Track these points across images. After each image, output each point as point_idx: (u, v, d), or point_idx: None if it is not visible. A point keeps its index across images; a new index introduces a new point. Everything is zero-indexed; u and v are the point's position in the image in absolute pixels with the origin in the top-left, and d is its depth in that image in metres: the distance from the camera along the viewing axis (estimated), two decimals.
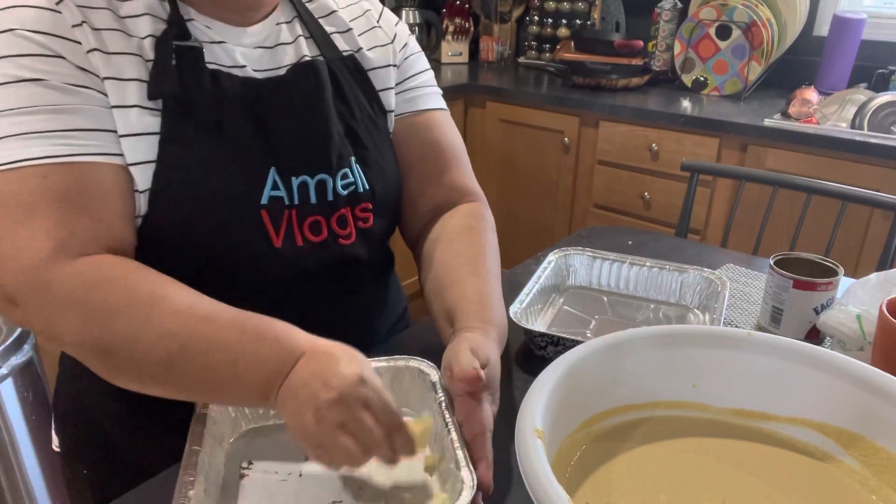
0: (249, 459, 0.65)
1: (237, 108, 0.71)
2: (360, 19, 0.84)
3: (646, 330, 0.65)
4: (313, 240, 0.75)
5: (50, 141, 0.61)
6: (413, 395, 0.72)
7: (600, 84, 2.26)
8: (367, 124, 0.80)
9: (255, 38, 0.75)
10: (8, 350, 1.28)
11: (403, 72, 0.87)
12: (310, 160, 0.74)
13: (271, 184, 0.72)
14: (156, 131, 0.67)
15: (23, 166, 0.60)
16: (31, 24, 0.62)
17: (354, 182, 0.77)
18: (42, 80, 0.62)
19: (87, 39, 0.65)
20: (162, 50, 0.68)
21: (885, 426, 0.57)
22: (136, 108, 0.66)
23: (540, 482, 0.45)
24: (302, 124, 0.74)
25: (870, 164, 1.70)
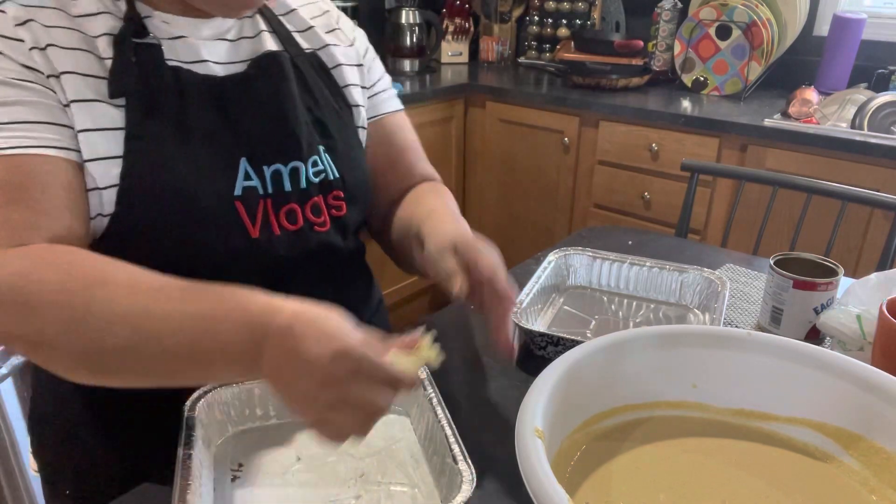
0: (239, 462, 0.65)
1: (201, 102, 0.71)
2: (320, 19, 0.86)
3: (646, 330, 0.65)
4: (290, 228, 0.75)
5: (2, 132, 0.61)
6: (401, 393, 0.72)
7: (600, 84, 2.26)
8: (333, 116, 0.82)
9: (215, 30, 0.75)
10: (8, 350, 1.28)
11: (368, 78, 0.89)
12: (281, 148, 0.75)
13: (243, 174, 0.72)
14: (121, 126, 0.67)
15: None
16: None
17: (324, 170, 0.78)
18: None
19: (33, 37, 0.65)
20: (120, 48, 0.68)
21: (885, 426, 0.57)
22: (100, 102, 0.66)
23: (540, 482, 0.45)
24: (269, 114, 0.75)
25: (870, 164, 1.70)
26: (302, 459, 0.66)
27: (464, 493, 0.55)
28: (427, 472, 0.64)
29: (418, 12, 2.62)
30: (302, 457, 0.66)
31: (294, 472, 0.64)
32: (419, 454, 0.66)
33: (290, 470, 0.64)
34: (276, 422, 0.71)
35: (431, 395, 0.67)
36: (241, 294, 0.55)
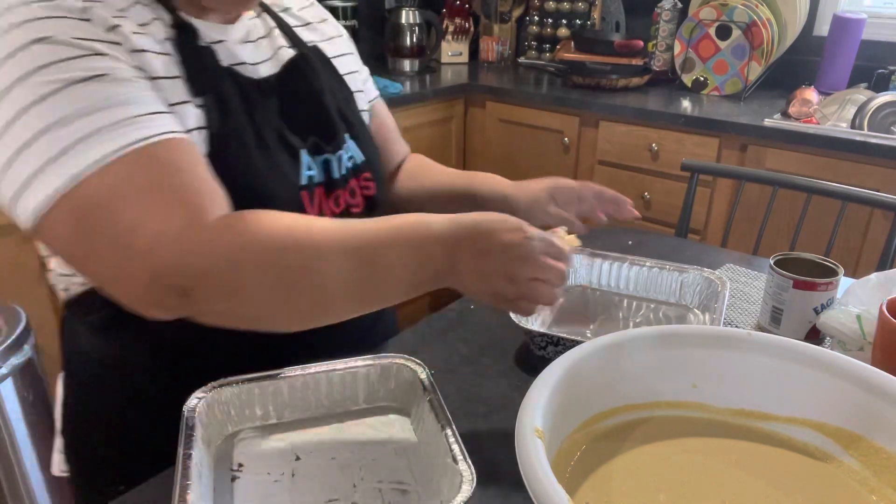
0: (239, 462, 0.65)
1: (258, 100, 0.75)
2: (310, 11, 0.91)
3: (646, 330, 0.65)
4: (336, 211, 0.81)
5: (138, 124, 0.60)
6: (401, 393, 0.73)
7: (600, 84, 2.26)
8: (346, 104, 0.87)
9: (238, 34, 0.78)
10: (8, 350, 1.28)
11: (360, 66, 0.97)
12: (327, 139, 0.81)
13: (306, 165, 0.77)
14: (203, 125, 0.69)
15: (126, 153, 0.59)
16: (68, 33, 0.60)
17: (353, 155, 0.84)
18: (102, 75, 0.60)
19: (126, 41, 0.64)
20: (185, 51, 0.69)
21: (885, 426, 0.57)
22: (186, 104, 0.68)
23: (540, 482, 0.45)
24: (313, 109, 0.81)
25: (870, 164, 1.70)
26: (301, 459, 0.66)
27: (464, 493, 0.55)
28: (427, 472, 0.64)
29: (418, 12, 2.62)
30: (301, 456, 0.66)
31: (294, 472, 0.64)
32: (419, 454, 0.66)
33: (290, 470, 0.64)
34: (275, 422, 0.71)
35: (431, 396, 0.67)
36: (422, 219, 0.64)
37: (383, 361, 0.73)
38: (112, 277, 0.61)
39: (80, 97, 0.58)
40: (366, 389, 0.73)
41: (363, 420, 0.72)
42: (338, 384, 0.72)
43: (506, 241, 0.62)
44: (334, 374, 0.72)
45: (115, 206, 0.58)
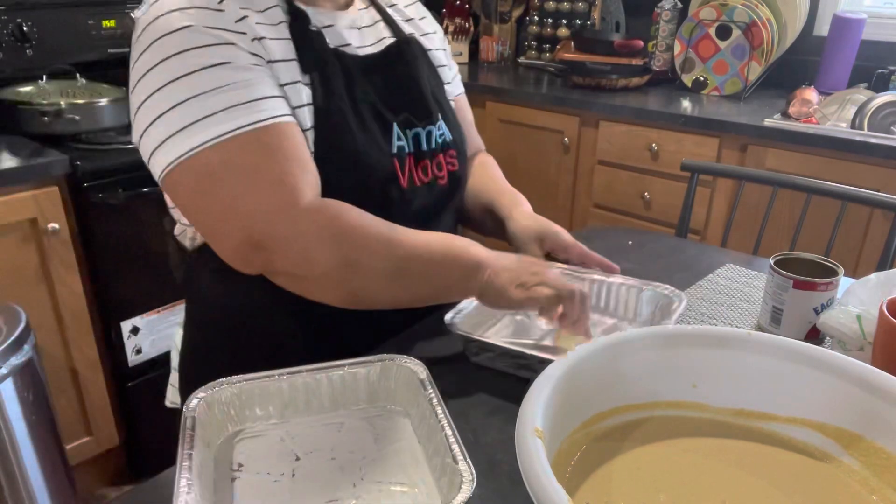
0: (239, 462, 0.65)
1: (359, 78, 0.85)
2: (413, 8, 1.03)
3: (646, 330, 0.65)
4: (424, 180, 0.91)
5: (252, 108, 0.72)
6: (401, 393, 0.73)
7: (600, 84, 2.26)
8: (439, 90, 0.98)
9: (347, 20, 0.89)
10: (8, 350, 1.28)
11: (450, 63, 1.07)
12: (418, 115, 0.91)
13: (396, 136, 0.87)
14: (310, 102, 0.80)
15: (239, 133, 0.71)
16: (204, 21, 0.73)
17: (443, 133, 0.94)
18: (227, 62, 0.72)
19: (251, 30, 0.76)
20: (298, 36, 0.81)
21: (885, 426, 0.57)
22: (297, 83, 0.79)
23: (540, 482, 0.45)
24: (409, 87, 0.91)
25: (870, 164, 1.70)
26: (301, 459, 0.66)
27: (464, 493, 0.55)
28: (427, 472, 0.64)
29: None
30: (301, 456, 0.66)
31: (294, 472, 0.64)
32: (419, 454, 0.66)
33: (290, 470, 0.64)
34: (275, 422, 0.71)
35: (431, 395, 0.67)
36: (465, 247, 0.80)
37: (383, 361, 0.73)
38: (212, 232, 0.76)
39: (207, 80, 0.71)
40: (366, 389, 0.73)
41: (363, 420, 0.72)
42: (338, 384, 0.73)
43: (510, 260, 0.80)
44: (334, 374, 0.72)
45: (224, 177, 0.71)
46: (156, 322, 1.81)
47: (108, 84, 1.98)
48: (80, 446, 1.77)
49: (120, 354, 1.76)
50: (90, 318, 1.71)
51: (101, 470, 1.89)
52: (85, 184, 1.59)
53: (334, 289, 0.76)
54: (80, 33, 1.93)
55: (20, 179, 1.52)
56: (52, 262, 1.60)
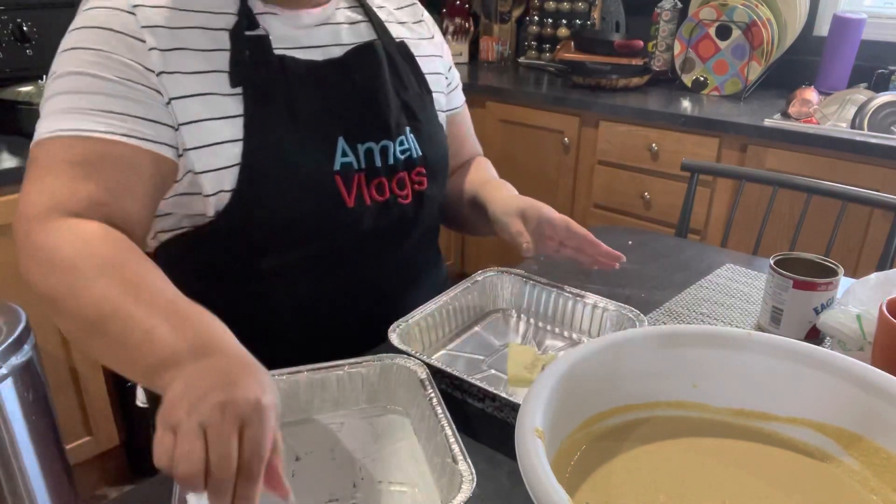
0: None
1: (304, 86, 0.80)
2: (407, 10, 0.97)
3: (646, 330, 0.65)
4: (378, 199, 0.84)
5: (87, 118, 0.70)
6: (400, 393, 0.73)
7: (600, 84, 2.26)
8: (418, 100, 0.91)
9: (314, 18, 0.84)
10: (8, 350, 1.28)
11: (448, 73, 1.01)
12: (373, 128, 0.84)
13: (341, 151, 0.81)
14: (240, 114, 0.76)
15: (56, 136, 0.69)
16: (104, 23, 0.72)
17: (409, 148, 0.87)
18: (99, 73, 0.71)
19: (156, 40, 0.73)
20: (236, 42, 0.77)
21: (885, 426, 0.57)
22: (220, 95, 0.75)
23: (540, 482, 0.45)
24: (364, 98, 0.84)
25: (870, 164, 1.70)
26: (301, 459, 0.66)
27: (464, 493, 0.55)
28: (427, 472, 0.64)
29: None
30: (301, 456, 0.66)
31: (294, 472, 0.64)
32: (419, 454, 0.66)
33: (291, 470, 0.64)
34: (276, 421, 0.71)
35: (431, 395, 0.67)
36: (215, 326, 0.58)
37: (383, 361, 0.73)
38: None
39: (74, 82, 0.70)
40: (365, 389, 0.73)
41: (363, 420, 0.72)
42: (338, 384, 0.72)
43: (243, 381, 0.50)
44: (334, 374, 0.72)
45: (30, 171, 0.70)
46: None
47: None
48: (80, 446, 1.77)
49: None
50: None
51: (101, 470, 1.89)
52: None
53: (50, 315, 0.65)
54: None
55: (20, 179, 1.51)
56: None
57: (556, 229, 0.85)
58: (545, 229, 0.86)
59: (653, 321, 0.95)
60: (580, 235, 0.86)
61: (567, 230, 0.85)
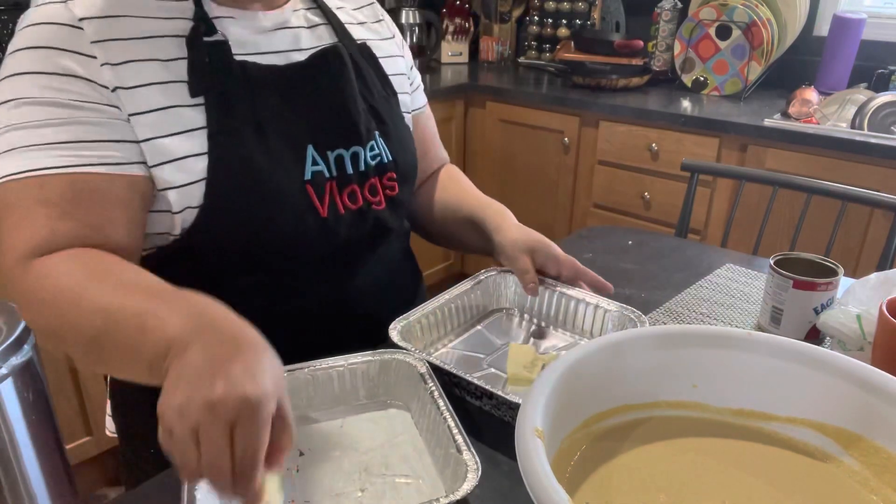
0: None
1: (268, 93, 0.76)
2: (366, 10, 0.94)
3: (646, 330, 0.65)
4: (352, 207, 0.82)
5: (53, 153, 0.66)
6: (400, 388, 0.73)
7: (600, 84, 2.26)
8: (384, 103, 0.88)
9: (272, 21, 0.80)
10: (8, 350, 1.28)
11: (409, 71, 0.98)
12: (343, 134, 0.81)
13: (311, 160, 0.78)
14: (203, 126, 0.72)
15: (25, 177, 0.65)
16: (50, 42, 0.67)
17: (380, 153, 0.85)
18: (55, 98, 0.66)
19: (107, 54, 0.68)
20: (194, 49, 0.72)
21: (885, 426, 0.57)
22: (179, 107, 0.71)
23: (540, 482, 0.45)
24: (331, 103, 0.80)
25: (870, 164, 1.70)
26: (305, 455, 0.66)
27: (470, 482, 0.55)
28: (431, 464, 0.64)
29: (418, 12, 2.62)
30: (305, 452, 0.66)
31: (298, 467, 0.64)
32: (422, 447, 0.67)
33: (295, 465, 0.65)
34: None
35: (432, 389, 0.68)
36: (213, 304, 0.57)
37: (383, 357, 0.73)
38: None
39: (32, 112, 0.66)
40: (366, 385, 0.74)
41: (365, 415, 0.72)
42: (338, 380, 0.73)
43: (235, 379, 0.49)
44: (334, 371, 0.72)
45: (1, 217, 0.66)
46: None
47: None
48: (80, 446, 1.77)
49: None
50: None
51: (101, 470, 1.89)
52: None
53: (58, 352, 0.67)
54: None
55: None
56: None
57: (561, 268, 0.88)
58: (549, 268, 0.89)
59: (653, 321, 0.95)
60: (586, 276, 0.88)
61: (573, 270, 0.88)
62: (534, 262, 0.89)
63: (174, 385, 0.50)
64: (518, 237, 0.89)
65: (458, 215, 0.98)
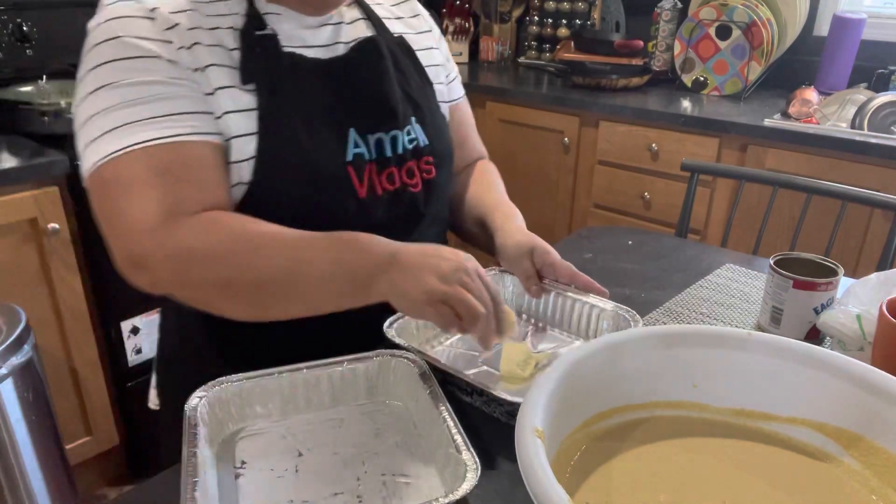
0: (242, 460, 0.65)
1: (314, 82, 0.82)
2: (404, 6, 1.00)
3: (646, 330, 0.65)
4: (389, 188, 0.86)
5: (153, 126, 0.72)
6: (400, 388, 0.73)
7: (600, 84, 2.26)
8: (420, 92, 0.93)
9: (317, 19, 0.86)
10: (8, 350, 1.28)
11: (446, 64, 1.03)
12: (382, 119, 0.86)
13: (353, 142, 0.83)
14: (254, 107, 0.78)
15: (132, 150, 0.71)
16: (133, 31, 0.74)
17: (416, 138, 0.89)
18: (145, 79, 0.73)
19: (180, 39, 0.75)
20: (246, 41, 0.79)
21: (885, 426, 0.57)
22: (235, 88, 0.77)
23: (540, 482, 0.45)
24: (371, 90, 0.86)
25: (870, 164, 1.70)
26: (304, 455, 0.66)
27: (469, 482, 0.55)
28: (430, 463, 0.64)
29: None
30: (304, 452, 0.66)
31: (297, 468, 0.64)
32: (421, 446, 0.67)
33: (294, 465, 0.65)
34: (276, 419, 0.71)
35: (431, 389, 0.68)
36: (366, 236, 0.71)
37: (381, 357, 0.73)
38: (109, 247, 0.73)
39: (120, 94, 0.72)
40: (365, 385, 0.74)
41: (363, 415, 0.72)
42: (337, 380, 0.73)
43: (445, 250, 0.69)
44: (334, 371, 0.72)
45: (111, 193, 0.71)
46: (156, 322, 1.80)
47: None
48: (80, 446, 1.77)
49: (120, 354, 1.76)
50: (90, 318, 1.71)
51: (101, 470, 1.89)
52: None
53: (225, 307, 0.72)
54: (80, 33, 1.92)
55: (20, 179, 1.51)
56: (52, 262, 1.60)
57: (558, 273, 0.88)
58: (546, 273, 0.89)
59: (652, 321, 0.95)
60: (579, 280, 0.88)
61: (569, 277, 0.88)
62: (534, 265, 0.90)
63: (414, 278, 0.66)
64: (520, 240, 0.90)
65: (473, 212, 1.01)
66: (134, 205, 0.70)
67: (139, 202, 0.70)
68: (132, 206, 0.70)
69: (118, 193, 0.70)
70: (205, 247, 0.69)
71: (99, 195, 0.72)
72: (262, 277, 0.69)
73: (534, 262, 0.89)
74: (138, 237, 0.69)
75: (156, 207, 0.70)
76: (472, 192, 1.03)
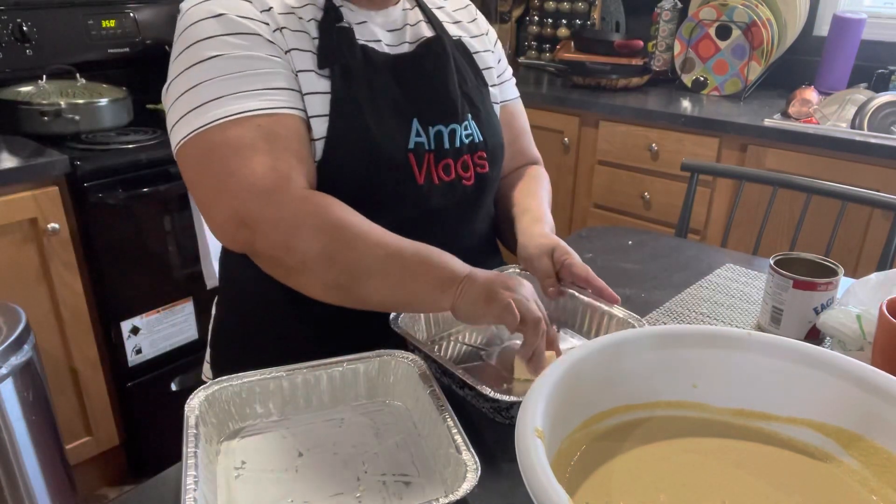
0: (242, 459, 0.65)
1: (383, 73, 0.87)
2: (463, 11, 1.05)
3: (646, 330, 0.65)
4: (445, 179, 0.91)
5: (256, 97, 0.77)
6: (400, 387, 0.73)
7: (600, 84, 2.26)
8: (476, 92, 0.98)
9: (386, 18, 0.92)
10: (8, 350, 1.28)
11: (498, 66, 1.07)
12: (443, 112, 0.91)
13: (415, 132, 0.88)
14: (327, 91, 0.83)
15: (242, 117, 0.76)
16: (235, 10, 0.79)
17: (472, 133, 0.94)
18: (248, 52, 0.78)
19: (274, 21, 0.81)
20: (325, 30, 0.84)
21: (885, 426, 0.57)
22: (313, 72, 0.82)
23: (540, 482, 0.45)
24: (434, 84, 0.91)
25: (870, 164, 1.70)
26: (304, 455, 0.66)
27: (469, 482, 0.55)
28: (431, 463, 0.64)
29: None
30: (304, 452, 0.66)
31: (297, 468, 0.64)
32: (422, 447, 0.67)
33: (294, 465, 0.65)
34: (276, 419, 0.71)
35: (432, 388, 0.68)
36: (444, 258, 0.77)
37: (382, 357, 0.73)
38: (205, 205, 0.78)
39: (226, 65, 0.77)
40: (365, 385, 0.74)
41: (363, 415, 0.72)
42: (337, 380, 0.73)
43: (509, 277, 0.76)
44: (334, 371, 0.72)
45: (222, 154, 0.75)
46: (156, 322, 1.81)
47: (108, 84, 1.98)
48: (80, 446, 1.77)
49: (120, 354, 1.76)
50: (90, 318, 1.71)
51: (101, 470, 1.89)
52: (85, 184, 1.59)
53: (311, 279, 0.76)
54: (80, 33, 1.93)
55: (20, 179, 1.52)
56: (52, 262, 1.60)
57: (575, 276, 0.88)
58: (563, 273, 0.90)
59: (653, 321, 0.95)
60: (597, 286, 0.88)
61: (586, 280, 0.88)
62: (553, 265, 0.90)
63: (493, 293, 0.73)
64: (542, 241, 0.92)
65: (508, 214, 1.03)
66: (246, 167, 0.74)
67: (252, 165, 0.74)
68: (244, 167, 0.74)
69: (228, 154, 0.75)
70: (322, 221, 0.74)
71: (204, 157, 0.76)
72: (361, 262, 0.74)
73: (553, 261, 0.90)
74: (255, 195, 0.74)
75: (271, 172, 0.74)
76: (515, 195, 1.05)
